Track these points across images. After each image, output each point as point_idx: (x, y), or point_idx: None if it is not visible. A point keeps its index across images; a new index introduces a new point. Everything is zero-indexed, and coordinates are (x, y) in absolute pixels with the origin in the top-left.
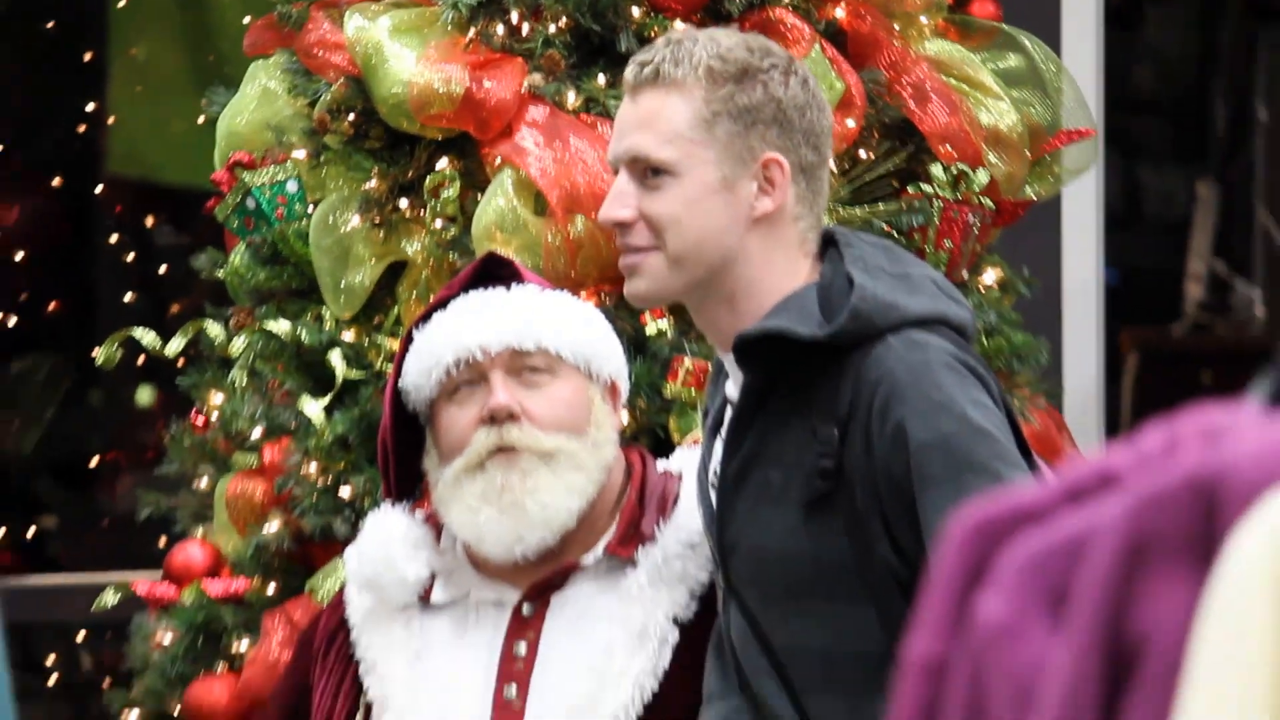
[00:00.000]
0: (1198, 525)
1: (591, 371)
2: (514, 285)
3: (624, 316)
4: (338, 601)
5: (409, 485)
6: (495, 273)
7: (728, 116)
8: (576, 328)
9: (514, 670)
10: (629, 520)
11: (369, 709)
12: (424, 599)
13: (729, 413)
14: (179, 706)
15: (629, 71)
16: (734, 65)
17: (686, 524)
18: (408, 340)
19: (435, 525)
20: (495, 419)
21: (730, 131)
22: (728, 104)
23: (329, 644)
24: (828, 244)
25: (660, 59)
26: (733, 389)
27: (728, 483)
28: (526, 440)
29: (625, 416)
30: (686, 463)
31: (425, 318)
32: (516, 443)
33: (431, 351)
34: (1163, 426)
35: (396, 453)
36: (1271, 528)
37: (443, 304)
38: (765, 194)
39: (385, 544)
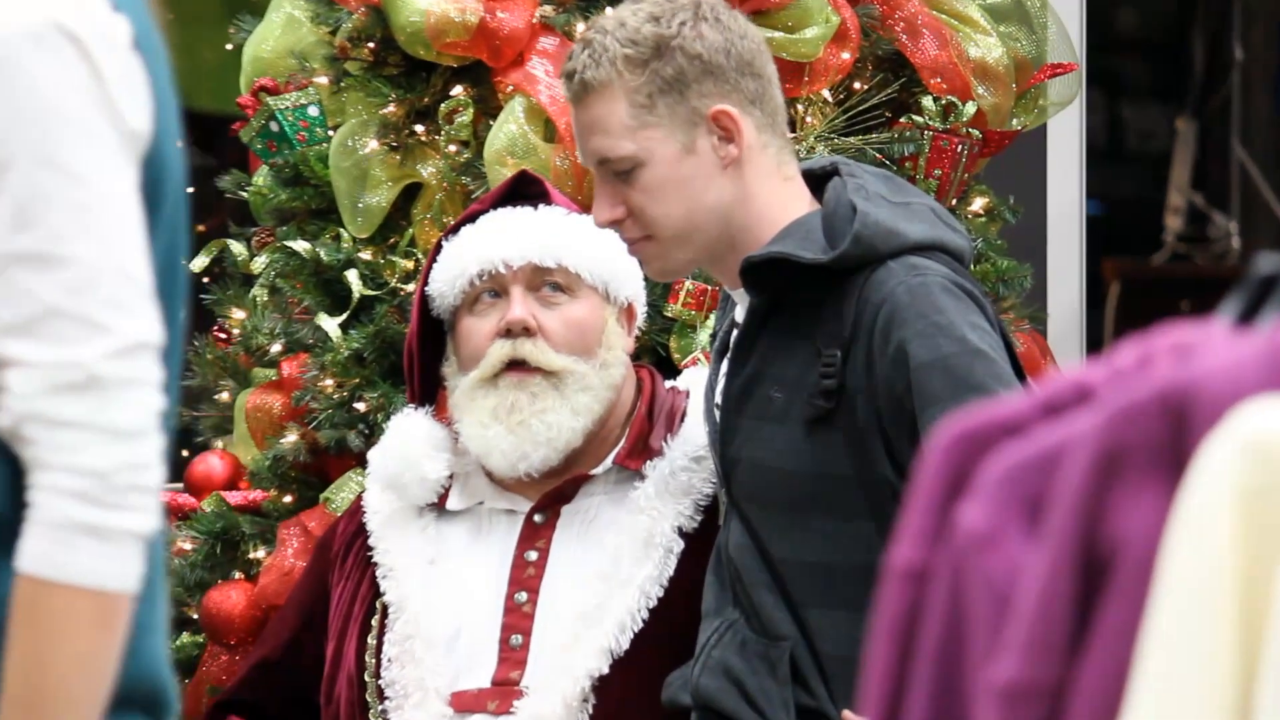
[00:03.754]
0: (1168, 437)
1: (609, 293)
2: (541, 205)
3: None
4: (356, 508)
5: (430, 390)
6: (525, 192)
7: (660, 93)
8: (598, 250)
9: (525, 577)
10: (638, 434)
11: (385, 610)
12: (440, 505)
13: (735, 335)
14: (198, 611)
15: (562, 86)
16: (646, 45)
17: (693, 438)
18: (437, 250)
19: (454, 430)
20: (511, 332)
21: (669, 104)
22: (655, 83)
23: (347, 549)
24: (832, 174)
25: (581, 67)
26: (741, 313)
27: (730, 400)
28: (538, 356)
29: None
30: (694, 380)
31: (455, 230)
32: (529, 357)
33: (458, 261)
34: (1136, 343)
35: (420, 358)
36: (1238, 441)
37: (472, 218)
38: (726, 141)
39: (408, 443)
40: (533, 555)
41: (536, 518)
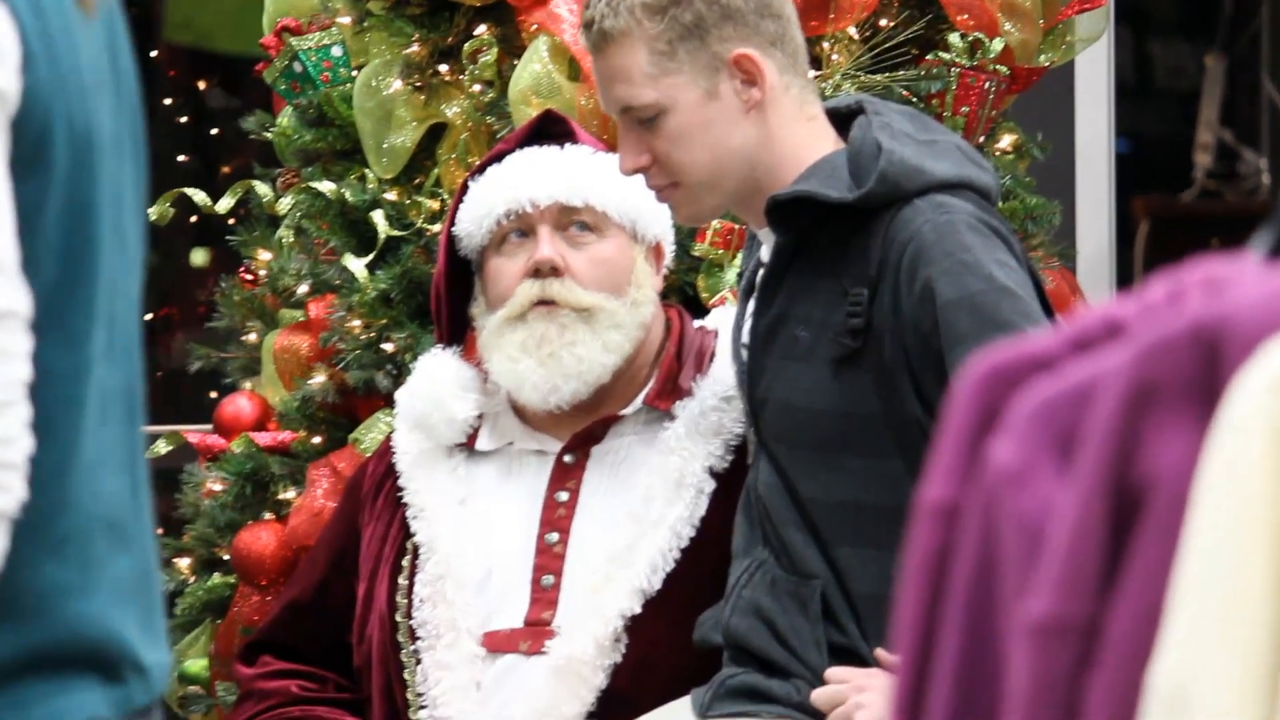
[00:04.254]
0: (1200, 371)
1: (637, 232)
2: (568, 144)
3: None
4: (385, 449)
5: (458, 331)
6: (551, 131)
7: (679, 40)
8: (625, 188)
9: (555, 517)
10: (667, 374)
11: (415, 551)
12: (469, 446)
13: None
14: (228, 552)
15: (581, 35)
16: None
17: (723, 378)
18: (463, 190)
19: (483, 370)
20: (539, 272)
21: (689, 50)
22: (674, 29)
23: (377, 489)
24: (857, 113)
25: (599, 16)
26: (766, 253)
27: (757, 340)
28: (567, 295)
29: None
30: (722, 320)
31: (481, 169)
32: (557, 297)
33: (484, 201)
34: (1167, 278)
35: (448, 298)
36: (1271, 374)
37: (498, 158)
38: (749, 85)
39: (435, 384)
40: (563, 496)
41: (566, 458)
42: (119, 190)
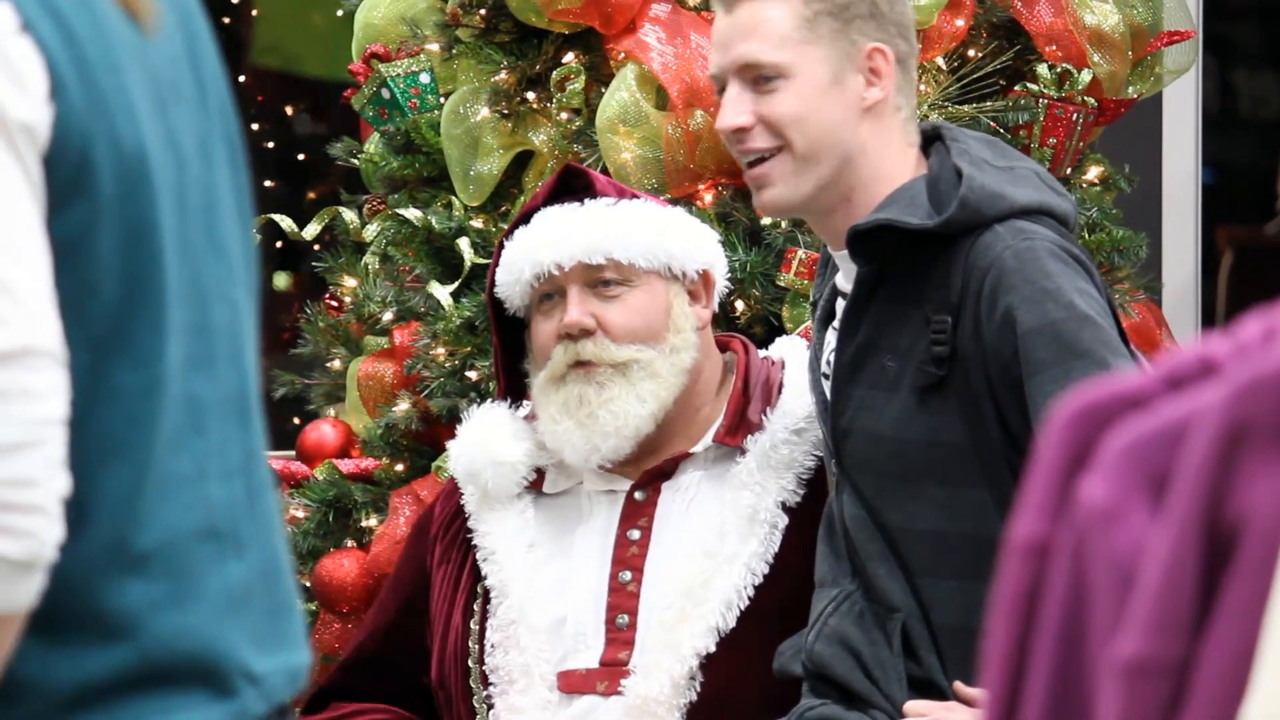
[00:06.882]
0: None
1: (672, 271)
2: (587, 199)
3: (740, 208)
4: (452, 489)
5: (517, 385)
6: (571, 185)
7: (827, 14)
8: (648, 233)
9: (628, 556)
10: (735, 409)
11: (486, 595)
12: (537, 488)
13: (840, 304)
14: (309, 580)
15: None
16: None
17: (793, 410)
18: (499, 251)
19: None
20: (570, 335)
21: (832, 28)
22: (825, 2)
23: (446, 530)
24: (934, 139)
25: None
26: (843, 280)
27: (842, 370)
28: (600, 354)
29: (740, 305)
30: (789, 350)
31: (511, 231)
32: (591, 356)
33: (515, 265)
34: (1261, 317)
35: (504, 355)
36: None
37: (525, 218)
38: (872, 84)
39: (484, 434)
40: (635, 534)
41: (637, 495)
42: (211, 197)
